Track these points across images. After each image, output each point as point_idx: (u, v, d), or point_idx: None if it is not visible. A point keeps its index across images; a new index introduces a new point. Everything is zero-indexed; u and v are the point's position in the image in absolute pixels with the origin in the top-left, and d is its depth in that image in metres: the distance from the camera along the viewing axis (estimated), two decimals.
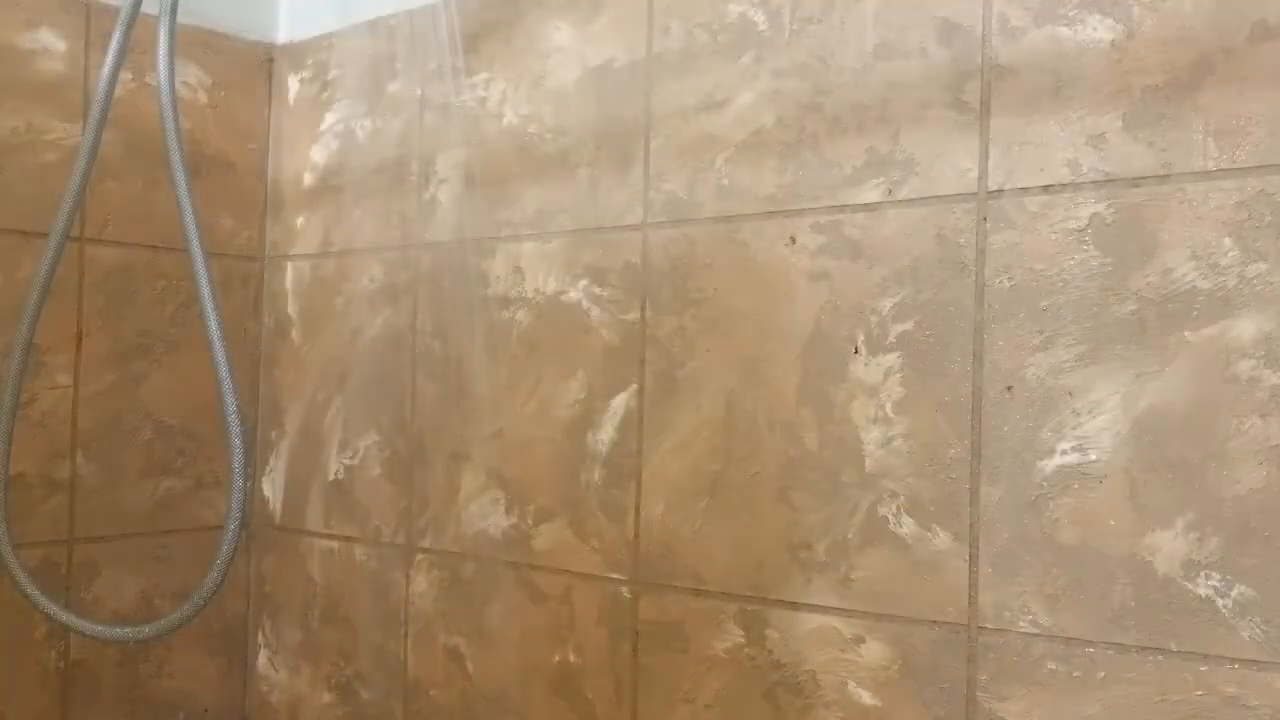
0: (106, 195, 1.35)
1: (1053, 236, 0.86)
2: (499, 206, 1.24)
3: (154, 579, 1.40)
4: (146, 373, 1.39)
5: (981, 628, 0.88)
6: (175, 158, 1.13)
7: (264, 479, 1.49)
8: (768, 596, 1.00)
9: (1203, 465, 0.79)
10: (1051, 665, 0.85)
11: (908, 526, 0.92)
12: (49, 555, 1.32)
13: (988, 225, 0.89)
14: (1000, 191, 0.88)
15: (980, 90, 0.89)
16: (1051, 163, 0.86)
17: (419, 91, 1.32)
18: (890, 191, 0.93)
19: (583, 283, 1.15)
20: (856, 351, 0.95)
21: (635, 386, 1.11)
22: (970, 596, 0.88)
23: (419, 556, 1.30)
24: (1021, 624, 0.86)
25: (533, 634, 1.18)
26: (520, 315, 1.22)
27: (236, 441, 1.10)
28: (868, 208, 0.95)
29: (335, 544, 1.40)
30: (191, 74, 1.42)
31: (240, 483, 1.09)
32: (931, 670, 0.90)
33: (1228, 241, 0.78)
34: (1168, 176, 0.81)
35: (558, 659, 1.16)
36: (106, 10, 1.32)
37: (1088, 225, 0.84)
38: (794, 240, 0.99)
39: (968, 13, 0.90)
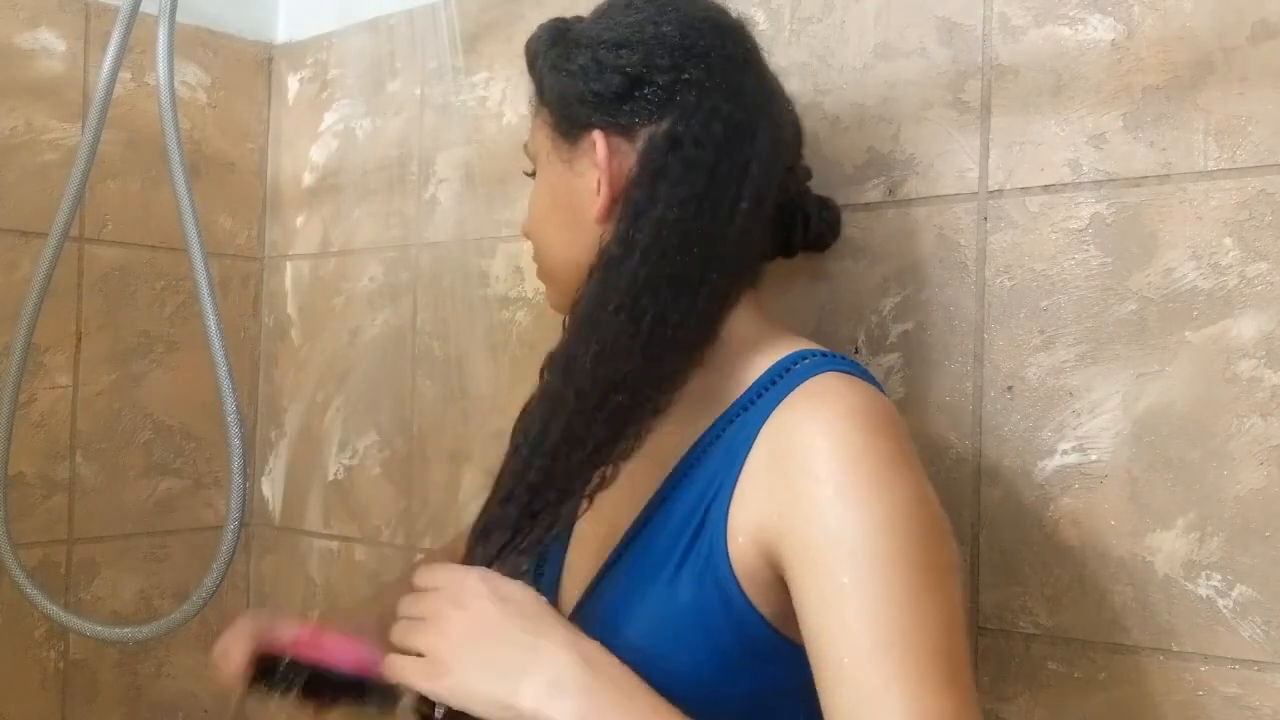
0: (106, 195, 1.35)
1: (1053, 236, 0.85)
2: (499, 206, 1.24)
3: (153, 579, 1.40)
4: (146, 373, 1.39)
5: (983, 628, 0.88)
6: (174, 157, 1.13)
7: (263, 479, 1.49)
8: None
9: (1203, 465, 0.79)
10: (1052, 666, 0.85)
11: None
12: (48, 555, 1.31)
13: (988, 225, 0.89)
14: (1001, 191, 0.88)
15: (981, 90, 0.89)
16: (1052, 162, 0.86)
17: (419, 91, 1.32)
18: (891, 191, 0.93)
19: None
20: (857, 351, 0.95)
21: None
22: (971, 597, 0.88)
23: (419, 557, 1.30)
24: (1022, 624, 0.86)
25: None
26: (520, 315, 1.21)
27: (236, 441, 1.10)
28: (868, 207, 0.94)
29: (335, 544, 1.40)
30: (191, 73, 1.42)
31: (239, 482, 1.09)
32: None
33: (1228, 241, 0.78)
34: (1168, 176, 0.81)
35: None
36: (106, 10, 1.32)
37: (1088, 225, 0.84)
38: None
39: (968, 12, 0.90)
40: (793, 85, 0.99)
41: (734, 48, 0.77)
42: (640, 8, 0.77)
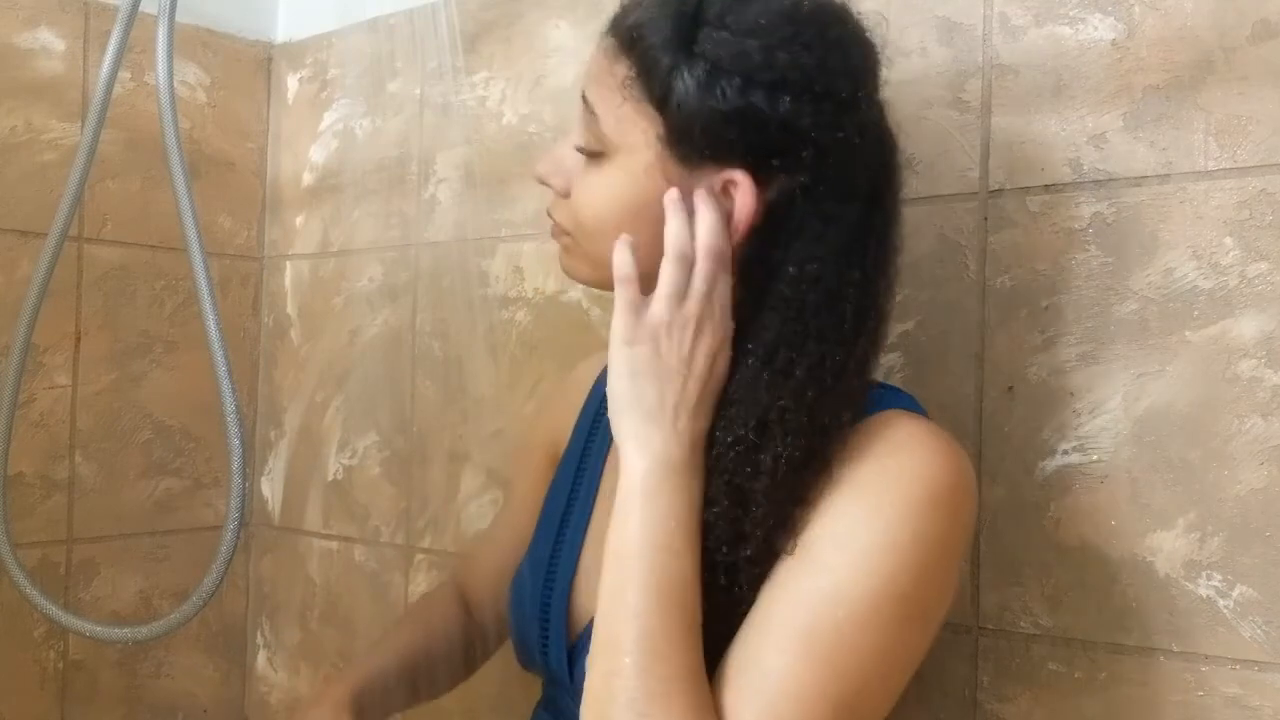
0: (105, 195, 1.34)
1: (1054, 236, 0.85)
2: (499, 206, 1.24)
3: (153, 579, 1.40)
4: (145, 372, 1.39)
5: (983, 628, 0.88)
6: (174, 157, 1.13)
7: (263, 479, 1.49)
8: None
9: (1204, 465, 0.79)
10: (1053, 666, 0.84)
11: None
12: (47, 555, 1.31)
13: (989, 225, 0.89)
14: (1001, 191, 0.88)
15: (981, 89, 0.89)
16: (1052, 162, 0.85)
17: (419, 91, 1.32)
18: None
19: None
20: None
21: None
22: (972, 597, 0.88)
23: (418, 557, 1.30)
24: (1023, 625, 0.86)
25: None
26: (520, 315, 1.21)
27: (235, 441, 1.10)
28: None
29: (334, 544, 1.40)
30: (190, 73, 1.41)
31: (239, 483, 1.09)
32: (933, 671, 0.90)
33: (1229, 241, 0.78)
34: (1169, 176, 0.81)
35: None
36: (105, 9, 1.32)
37: (1089, 225, 0.84)
38: None
39: (968, 12, 0.90)
40: None
41: (877, 87, 0.74)
42: (801, 37, 0.70)
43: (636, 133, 0.72)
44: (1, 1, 1.26)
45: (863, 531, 0.65)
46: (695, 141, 0.70)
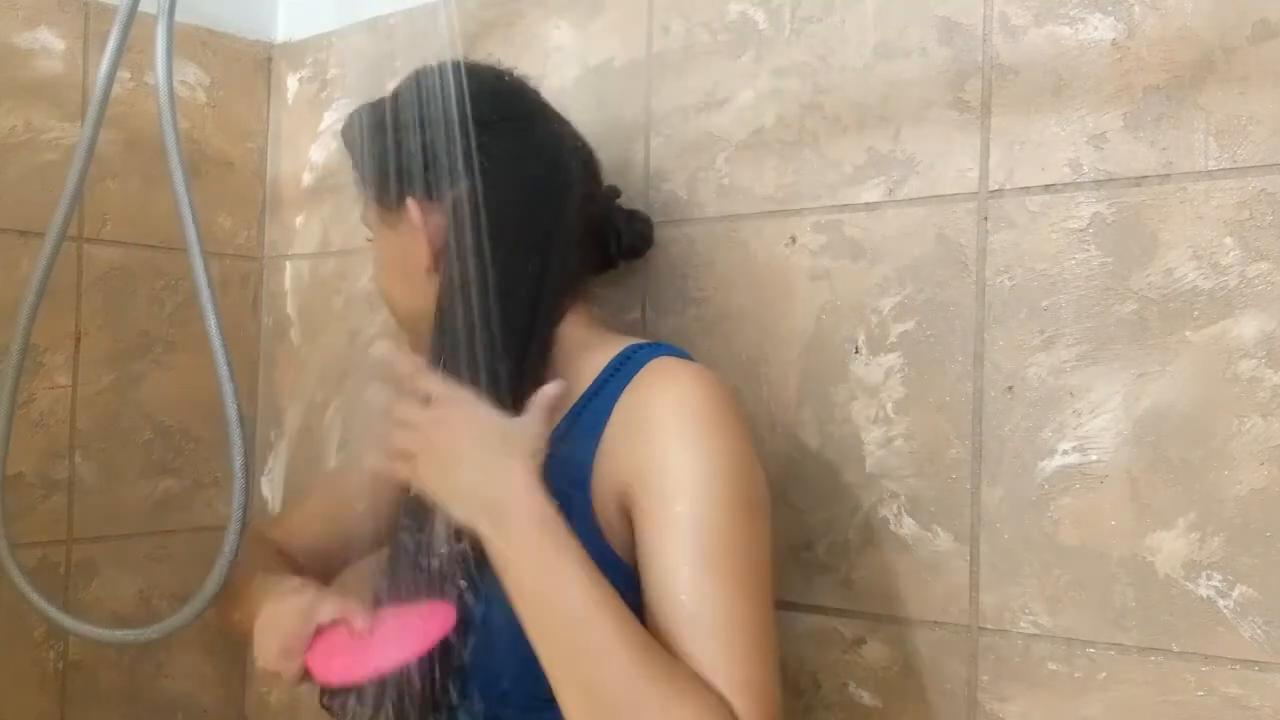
0: (105, 194, 1.34)
1: (1054, 236, 0.85)
2: None
3: (152, 579, 1.40)
4: (145, 372, 1.39)
5: (982, 628, 0.88)
6: (174, 157, 1.12)
7: (263, 479, 1.49)
8: None
9: (1204, 465, 0.79)
10: (1052, 666, 0.85)
11: (909, 527, 0.92)
12: (47, 555, 1.31)
13: (988, 225, 0.89)
14: (1001, 191, 0.88)
15: (981, 89, 0.89)
16: (1052, 162, 0.86)
17: None
18: (891, 191, 0.93)
19: None
20: (857, 351, 0.95)
21: None
22: (971, 597, 0.88)
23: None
24: (1022, 624, 0.86)
25: None
26: None
27: (236, 441, 1.09)
28: (868, 207, 0.94)
29: None
30: (190, 73, 1.41)
31: (240, 483, 1.09)
32: (932, 671, 0.90)
33: (1229, 241, 0.78)
34: (1169, 176, 0.81)
35: None
36: (105, 9, 1.32)
37: (1089, 225, 0.84)
38: (794, 240, 0.99)
39: (968, 11, 0.90)
40: (793, 85, 0.99)
41: (515, 109, 0.91)
42: (427, 88, 0.90)
43: (369, 211, 0.94)
44: (1, 1, 1.26)
45: (679, 466, 0.77)
46: (382, 190, 0.91)
